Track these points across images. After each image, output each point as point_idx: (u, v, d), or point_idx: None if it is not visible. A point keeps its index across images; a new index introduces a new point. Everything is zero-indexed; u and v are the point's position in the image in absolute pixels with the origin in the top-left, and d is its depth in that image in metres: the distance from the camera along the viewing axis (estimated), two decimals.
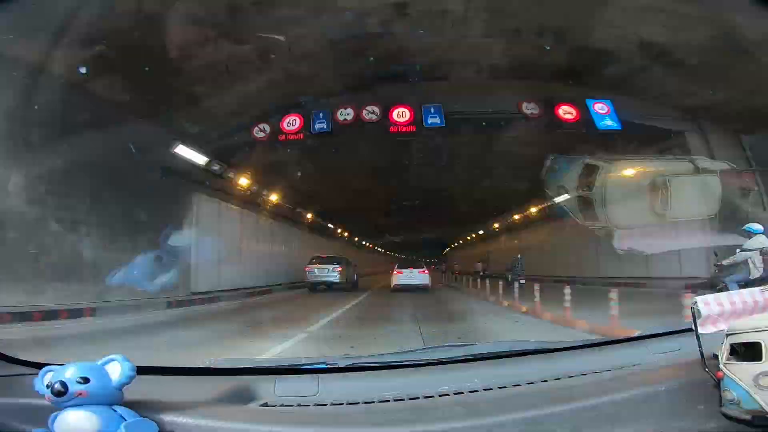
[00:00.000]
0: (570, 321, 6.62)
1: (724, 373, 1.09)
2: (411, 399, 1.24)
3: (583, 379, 1.35)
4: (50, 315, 5.58)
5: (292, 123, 7.65)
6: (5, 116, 4.85)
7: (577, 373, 1.39)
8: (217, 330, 6.22)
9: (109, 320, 6.10)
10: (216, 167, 9.18)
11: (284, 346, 4.93)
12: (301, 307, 10.58)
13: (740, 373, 1.05)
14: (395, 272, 16.47)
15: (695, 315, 1.20)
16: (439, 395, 1.26)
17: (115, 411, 0.97)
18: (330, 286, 14.78)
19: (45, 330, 5.14)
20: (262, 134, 7.77)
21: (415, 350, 1.64)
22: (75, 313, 5.91)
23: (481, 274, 17.57)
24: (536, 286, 8.48)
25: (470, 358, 1.51)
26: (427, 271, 16.52)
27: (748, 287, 1.30)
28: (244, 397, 1.24)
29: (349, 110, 7.66)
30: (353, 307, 9.94)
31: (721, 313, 1.19)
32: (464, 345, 1.66)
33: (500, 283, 11.50)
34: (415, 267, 17.31)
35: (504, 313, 8.94)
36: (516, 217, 17.50)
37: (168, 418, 1.04)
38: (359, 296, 12.74)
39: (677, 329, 1.61)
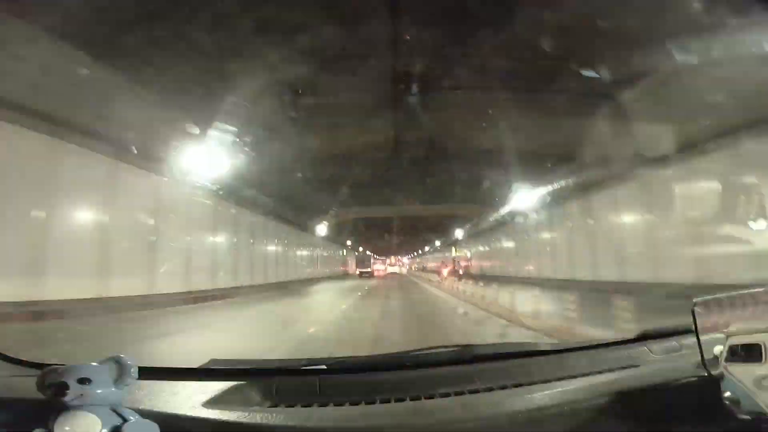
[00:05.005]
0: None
1: (725, 375, 1.09)
2: (412, 399, 1.24)
3: (585, 379, 1.35)
4: None
5: None
6: None
7: (579, 374, 1.39)
8: None
9: None
10: None
11: None
12: None
13: (741, 375, 1.05)
14: (386, 266, 43.08)
15: (695, 316, 1.20)
16: (441, 395, 1.26)
17: (115, 412, 0.96)
18: None
19: None
20: None
21: (416, 351, 1.64)
22: None
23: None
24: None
25: (471, 358, 1.51)
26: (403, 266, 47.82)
27: None
28: (245, 398, 1.23)
29: None
30: None
31: (722, 314, 1.19)
32: (465, 346, 1.66)
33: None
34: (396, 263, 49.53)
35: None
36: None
37: (169, 419, 1.04)
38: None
39: (678, 330, 1.61)
